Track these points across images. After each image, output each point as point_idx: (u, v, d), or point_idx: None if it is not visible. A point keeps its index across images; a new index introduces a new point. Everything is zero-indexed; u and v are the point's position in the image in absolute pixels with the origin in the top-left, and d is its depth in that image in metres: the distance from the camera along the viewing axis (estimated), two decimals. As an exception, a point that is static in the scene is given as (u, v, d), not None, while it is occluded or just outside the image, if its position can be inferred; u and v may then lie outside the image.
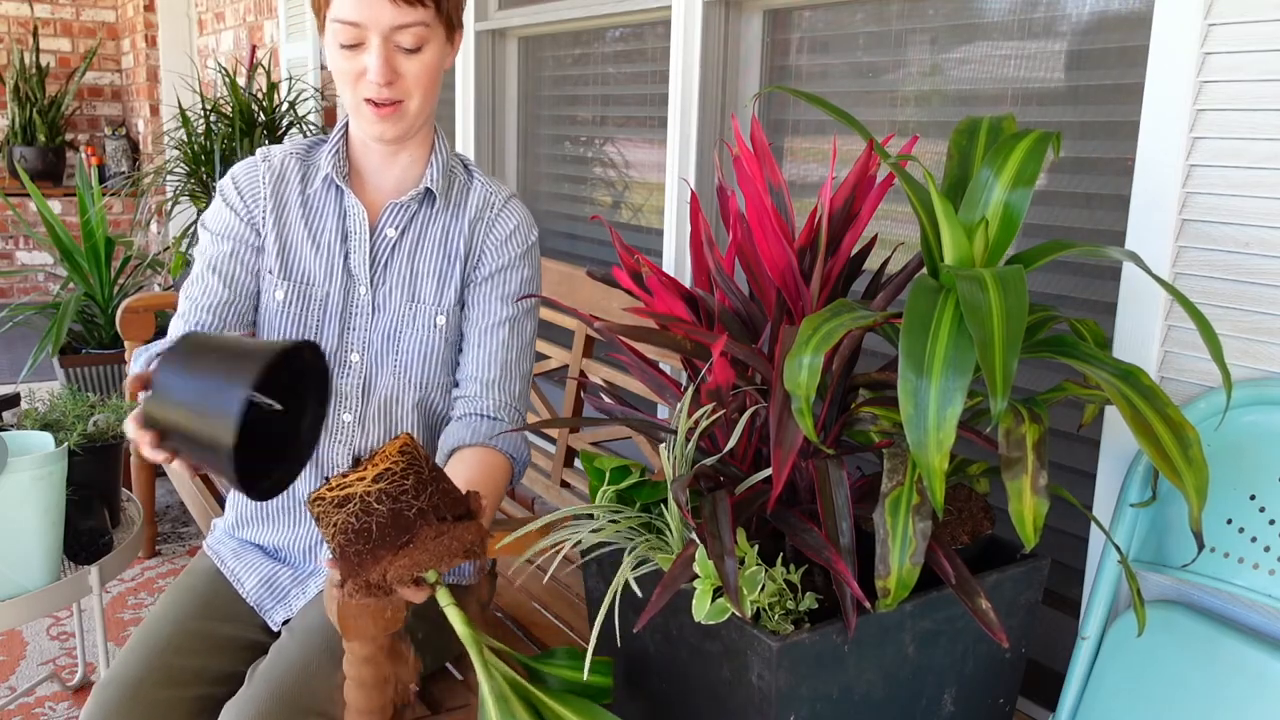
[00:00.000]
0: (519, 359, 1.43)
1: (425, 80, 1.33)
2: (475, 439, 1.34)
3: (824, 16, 1.95)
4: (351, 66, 1.31)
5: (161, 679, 1.34)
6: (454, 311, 1.42)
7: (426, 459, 1.04)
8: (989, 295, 0.91)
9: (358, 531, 0.99)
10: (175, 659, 1.37)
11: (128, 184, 4.46)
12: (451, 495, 1.05)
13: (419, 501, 1.00)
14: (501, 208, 1.43)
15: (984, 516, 1.24)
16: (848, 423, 1.17)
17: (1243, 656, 1.14)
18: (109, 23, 6.55)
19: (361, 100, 1.33)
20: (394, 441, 1.03)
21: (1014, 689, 1.25)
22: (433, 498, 1.02)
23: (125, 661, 1.37)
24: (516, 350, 1.42)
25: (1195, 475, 0.96)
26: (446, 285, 1.42)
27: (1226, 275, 1.21)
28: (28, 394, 2.08)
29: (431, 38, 1.31)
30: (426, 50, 1.31)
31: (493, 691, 1.06)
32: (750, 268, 1.16)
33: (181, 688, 1.35)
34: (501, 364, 1.41)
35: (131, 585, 2.88)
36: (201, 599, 1.46)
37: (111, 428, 1.94)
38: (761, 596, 1.05)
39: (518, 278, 1.43)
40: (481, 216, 1.43)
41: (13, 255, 6.22)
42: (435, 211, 1.42)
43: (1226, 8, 1.18)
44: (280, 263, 1.42)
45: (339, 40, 1.30)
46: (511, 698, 1.06)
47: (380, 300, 1.42)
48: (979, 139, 1.15)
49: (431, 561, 1.00)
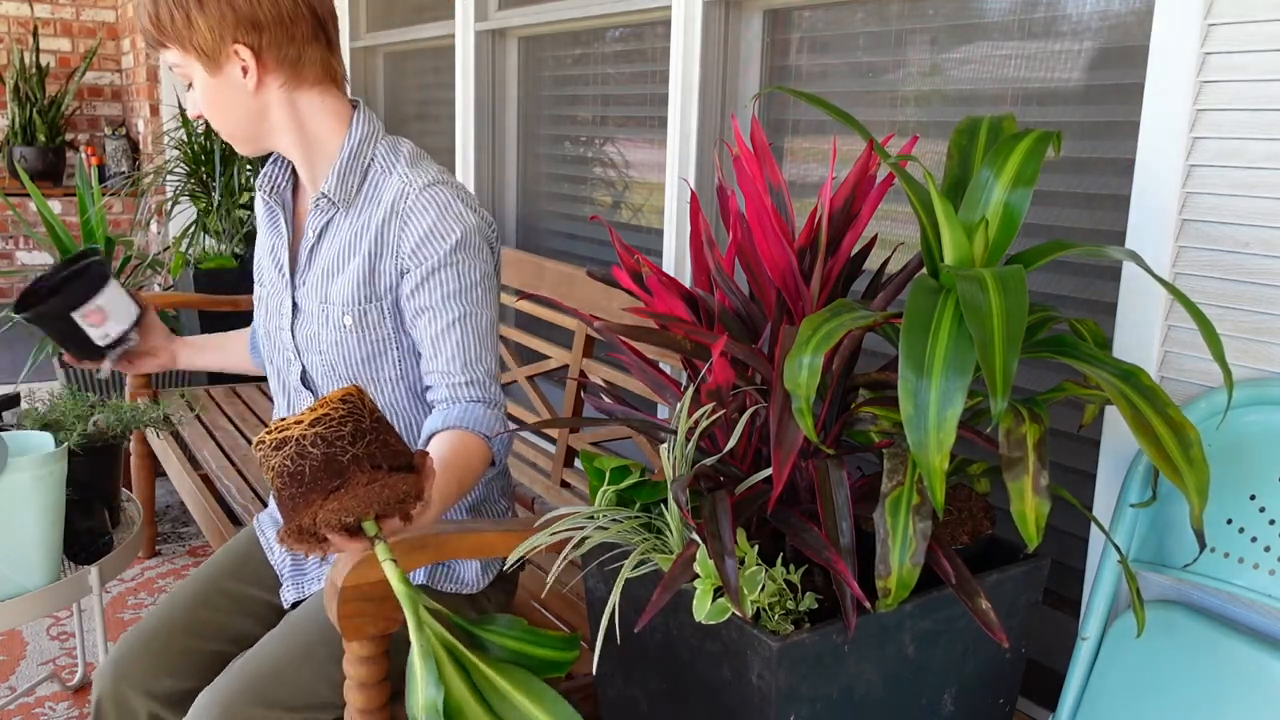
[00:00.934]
0: (481, 352, 1.40)
1: (207, 108, 1.41)
2: (447, 423, 1.35)
3: (824, 16, 1.94)
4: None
5: (186, 628, 1.50)
6: (364, 310, 1.42)
7: (371, 411, 1.03)
8: (989, 295, 0.91)
9: (291, 474, 0.99)
10: (202, 612, 1.52)
11: (128, 184, 4.46)
12: (392, 448, 1.04)
13: (354, 448, 0.99)
14: (415, 200, 1.38)
15: (984, 516, 1.24)
16: (848, 423, 1.17)
17: (1243, 656, 1.14)
18: (109, 23, 6.55)
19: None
20: (339, 390, 1.03)
21: (1014, 689, 1.25)
22: (370, 446, 1.01)
23: (159, 608, 1.52)
24: (476, 345, 1.39)
25: (1196, 475, 0.96)
26: (343, 281, 1.42)
27: (1226, 275, 1.21)
28: (28, 394, 2.08)
29: (192, 71, 1.38)
30: (195, 84, 1.39)
31: (421, 650, 1.04)
32: (750, 268, 1.16)
33: (203, 639, 1.50)
34: (463, 364, 1.39)
35: (131, 585, 2.88)
36: (237, 560, 1.60)
37: (111, 428, 1.94)
38: (761, 596, 1.05)
39: (454, 276, 1.37)
40: (395, 210, 1.39)
41: (13, 255, 6.22)
42: (344, 213, 1.44)
43: (1226, 8, 1.18)
44: (256, 265, 1.58)
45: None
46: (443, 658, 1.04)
47: (300, 300, 1.48)
48: (979, 139, 1.15)
49: (360, 507, 0.99)
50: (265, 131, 1.42)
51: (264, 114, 1.40)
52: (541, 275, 2.35)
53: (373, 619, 1.29)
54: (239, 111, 1.39)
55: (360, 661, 1.31)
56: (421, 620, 1.05)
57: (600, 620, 1.27)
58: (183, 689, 1.47)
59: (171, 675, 1.47)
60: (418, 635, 1.04)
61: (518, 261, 2.46)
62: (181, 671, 1.48)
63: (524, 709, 1.06)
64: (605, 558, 1.22)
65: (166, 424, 2.23)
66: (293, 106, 1.41)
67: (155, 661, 1.47)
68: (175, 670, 1.48)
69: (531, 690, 1.07)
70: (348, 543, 1.05)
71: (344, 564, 1.28)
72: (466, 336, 1.38)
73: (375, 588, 1.28)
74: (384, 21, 3.57)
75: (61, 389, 2.07)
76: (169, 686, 1.47)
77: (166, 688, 1.47)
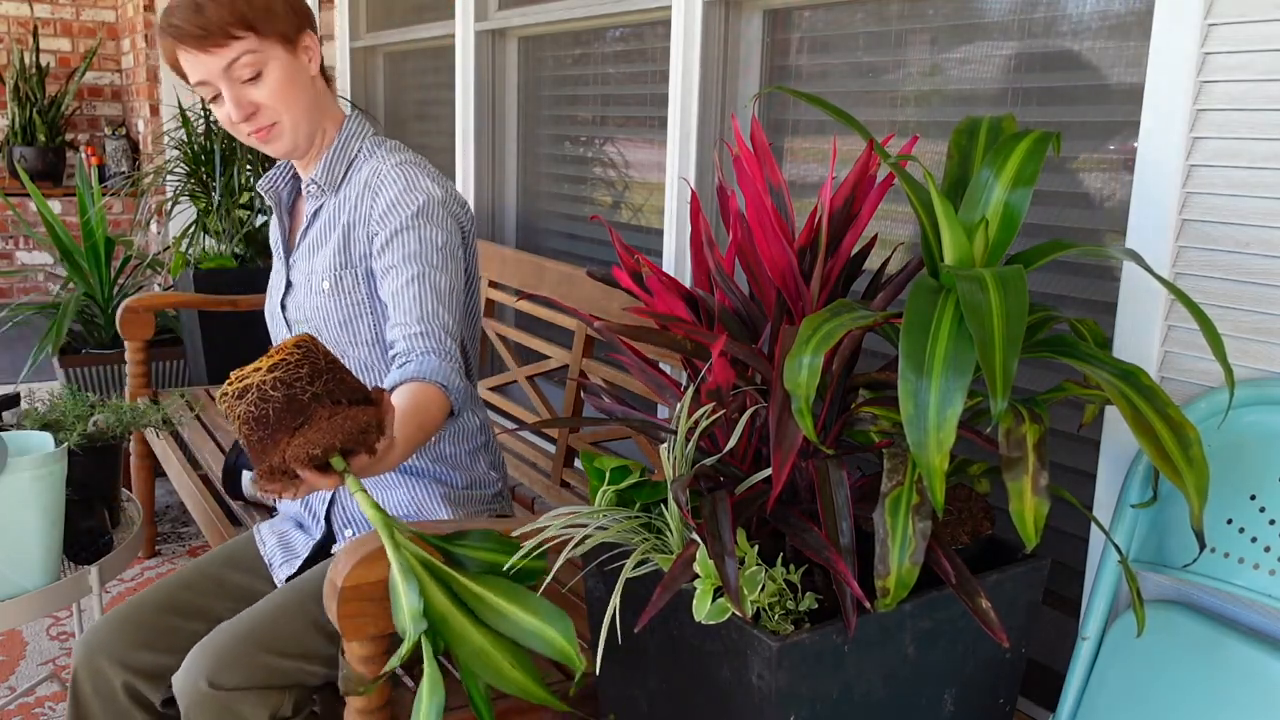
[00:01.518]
0: (437, 307, 1.45)
1: (281, 96, 1.46)
2: (405, 378, 1.38)
3: (824, 16, 1.94)
4: (223, 115, 1.48)
5: (165, 605, 1.54)
6: (340, 275, 1.54)
7: (325, 354, 1.07)
8: (989, 295, 0.91)
9: (257, 419, 1.03)
10: (182, 592, 1.56)
11: (128, 184, 4.46)
12: (350, 385, 1.08)
13: (313, 387, 1.04)
14: (386, 173, 1.51)
15: (984, 516, 1.24)
16: (848, 423, 1.17)
17: (1243, 656, 1.14)
18: (109, 23, 6.55)
19: (247, 136, 1.50)
20: (292, 338, 1.07)
21: (1014, 689, 1.25)
22: (328, 384, 1.05)
23: (145, 590, 1.57)
24: (434, 300, 1.45)
25: (1196, 475, 0.96)
26: (324, 251, 1.56)
27: (1226, 275, 1.21)
28: (28, 394, 2.08)
29: (268, 59, 1.43)
30: (267, 72, 1.42)
31: (400, 568, 1.05)
32: (750, 268, 1.16)
33: (181, 618, 1.53)
34: (419, 316, 1.44)
35: (131, 585, 2.88)
36: (228, 550, 1.66)
37: (111, 428, 1.94)
38: (761, 596, 1.05)
39: (415, 238, 1.47)
40: (368, 184, 1.52)
41: (13, 255, 6.21)
42: (331, 197, 1.58)
43: (1226, 8, 1.18)
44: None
45: (202, 95, 1.48)
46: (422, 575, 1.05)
47: (293, 277, 1.62)
48: (979, 139, 1.15)
49: (326, 439, 1.03)
50: (317, 124, 1.53)
51: (316, 104, 1.53)
52: (541, 275, 2.35)
53: (373, 619, 1.29)
54: (307, 99, 1.50)
55: (360, 661, 1.31)
56: (398, 542, 1.07)
57: (600, 620, 1.27)
58: (159, 663, 1.50)
59: (148, 649, 1.50)
60: (395, 555, 1.06)
61: (517, 261, 2.46)
62: (158, 646, 1.51)
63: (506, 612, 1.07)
64: (605, 557, 1.22)
65: (166, 424, 2.23)
66: (325, 99, 1.55)
67: (132, 635, 1.50)
68: (152, 645, 1.51)
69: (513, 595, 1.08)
70: (319, 478, 1.08)
71: (344, 564, 1.28)
72: (424, 292, 1.44)
73: (375, 588, 1.28)
74: (384, 21, 3.57)
75: (61, 389, 2.07)
76: (146, 660, 1.50)
77: (143, 661, 1.50)
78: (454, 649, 1.04)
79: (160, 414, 2.07)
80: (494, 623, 1.07)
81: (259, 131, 1.48)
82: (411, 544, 1.08)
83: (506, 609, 1.08)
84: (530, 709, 1.49)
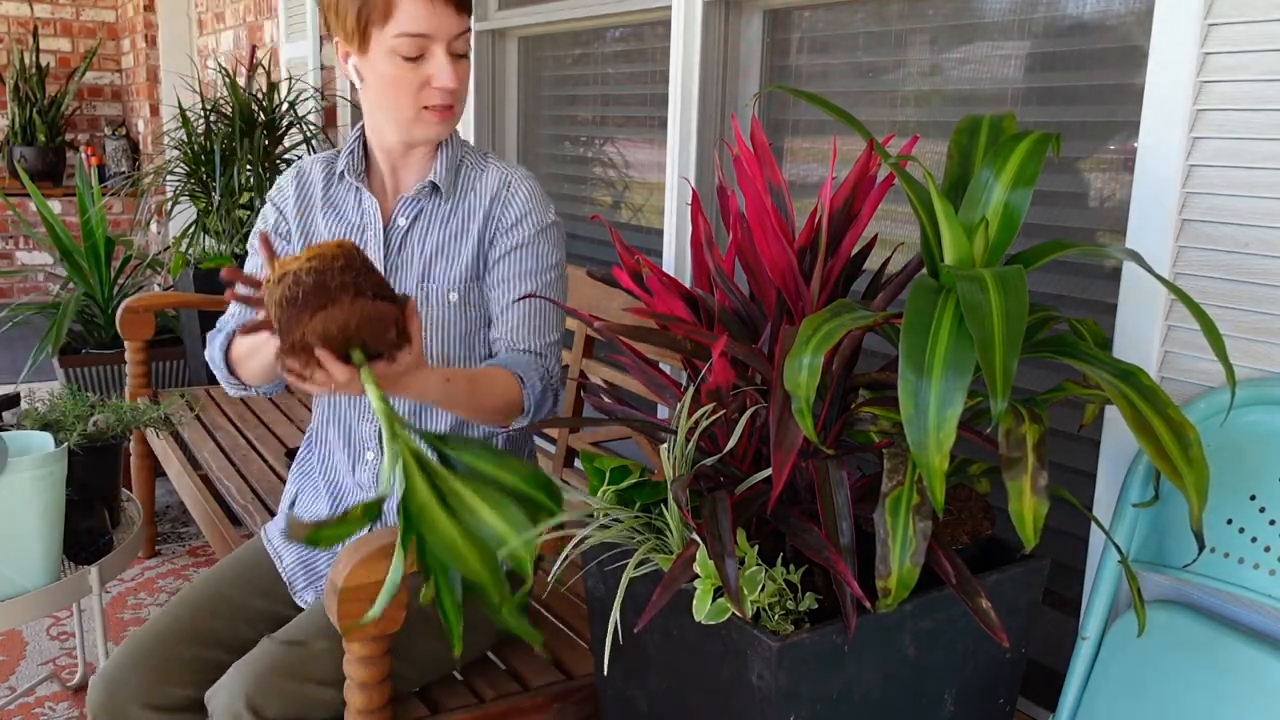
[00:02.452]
0: (545, 327, 1.50)
1: (467, 85, 1.45)
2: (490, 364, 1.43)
3: (824, 16, 1.94)
4: (415, 77, 1.39)
5: (188, 635, 1.47)
6: (469, 288, 1.50)
7: (363, 258, 1.12)
8: (989, 296, 0.91)
9: (288, 299, 1.08)
10: (205, 621, 1.49)
11: (128, 184, 4.46)
12: (379, 284, 1.12)
13: (344, 277, 1.09)
14: (517, 185, 1.50)
15: (984, 516, 1.24)
16: (848, 423, 1.17)
17: (1243, 656, 1.14)
18: (109, 23, 6.55)
19: (421, 108, 1.42)
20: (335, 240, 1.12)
21: (1014, 689, 1.25)
22: (358, 277, 1.09)
23: (162, 615, 1.50)
24: (540, 320, 1.50)
25: (1195, 475, 0.96)
26: (457, 263, 1.50)
27: (1226, 275, 1.21)
28: (28, 394, 2.08)
29: (469, 47, 1.43)
30: (467, 59, 1.43)
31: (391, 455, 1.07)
32: (750, 268, 1.16)
33: (205, 647, 1.47)
34: (527, 332, 1.49)
35: (131, 585, 2.88)
36: (241, 569, 1.58)
37: (111, 428, 1.94)
38: (761, 596, 1.05)
39: (533, 255, 1.49)
40: (498, 196, 1.50)
41: (13, 255, 6.21)
42: (443, 199, 1.51)
43: (1226, 8, 1.18)
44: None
45: (402, 53, 1.38)
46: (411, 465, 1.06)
47: (396, 285, 1.51)
48: (979, 139, 1.15)
49: (343, 317, 1.07)
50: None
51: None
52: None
53: (373, 619, 1.29)
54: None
55: (360, 662, 1.31)
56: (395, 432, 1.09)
57: (599, 619, 1.27)
58: (185, 696, 1.44)
59: (173, 684, 1.44)
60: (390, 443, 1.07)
61: (518, 261, 2.46)
62: (183, 680, 1.45)
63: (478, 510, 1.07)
64: (605, 557, 1.22)
65: (166, 424, 2.23)
66: None
67: (155, 671, 1.44)
68: (176, 679, 1.44)
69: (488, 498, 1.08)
70: (336, 366, 1.10)
71: (344, 564, 1.28)
72: (533, 312, 1.49)
73: (375, 588, 1.28)
74: (384, 21, 3.56)
75: (61, 389, 2.07)
76: (172, 696, 1.44)
77: (170, 698, 1.44)
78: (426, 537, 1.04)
79: (160, 414, 2.07)
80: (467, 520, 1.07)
81: (443, 110, 1.42)
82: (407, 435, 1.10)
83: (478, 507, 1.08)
84: (530, 709, 1.49)
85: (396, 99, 1.42)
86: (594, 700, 1.51)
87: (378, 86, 1.42)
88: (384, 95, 1.42)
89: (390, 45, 1.38)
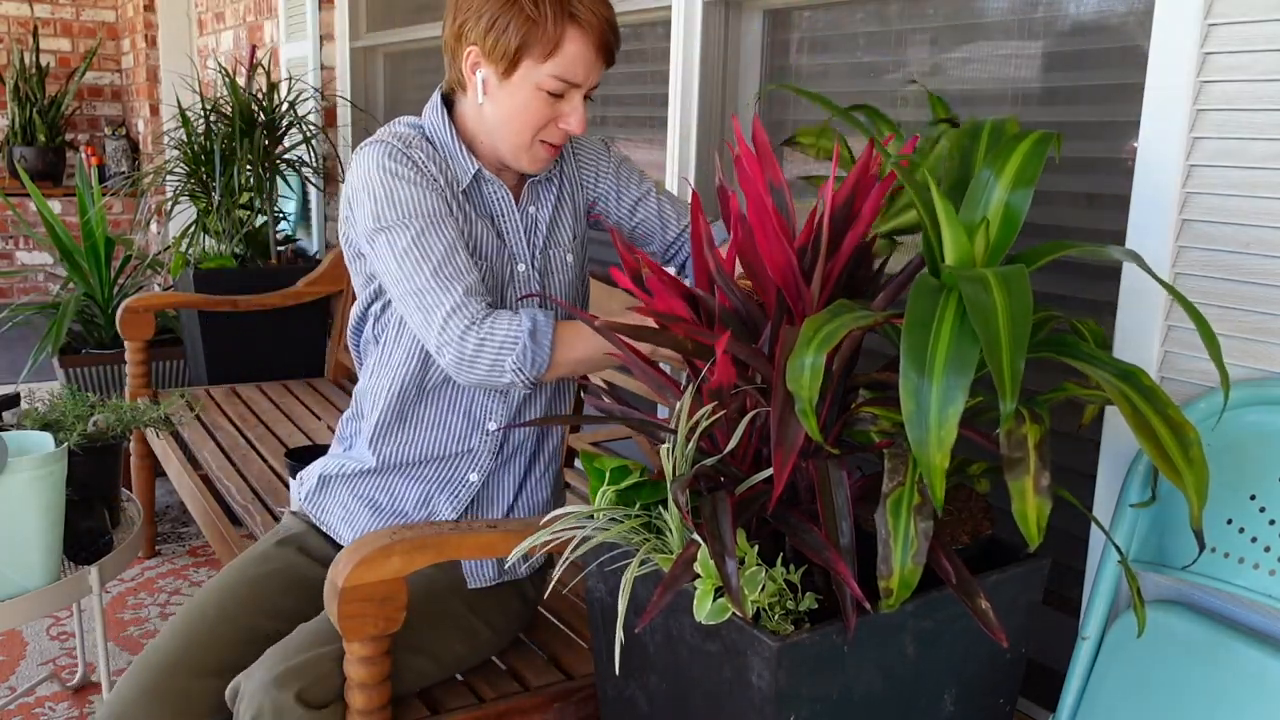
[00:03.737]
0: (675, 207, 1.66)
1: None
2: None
3: (824, 16, 1.95)
4: (548, 113, 1.43)
5: (198, 668, 1.43)
6: (575, 245, 1.61)
7: None
8: (994, 296, 0.91)
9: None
10: (218, 652, 1.44)
11: (128, 184, 4.46)
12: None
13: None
14: (573, 144, 1.62)
15: (984, 516, 1.24)
16: (848, 423, 1.17)
17: (1243, 656, 1.14)
18: (109, 23, 6.55)
19: (539, 141, 1.46)
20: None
21: (1014, 689, 1.25)
22: None
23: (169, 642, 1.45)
24: (669, 200, 1.66)
25: (1195, 475, 0.96)
26: (564, 227, 1.59)
27: (1226, 275, 1.21)
28: (28, 394, 2.08)
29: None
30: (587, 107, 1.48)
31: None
32: (751, 268, 1.16)
33: (216, 677, 1.41)
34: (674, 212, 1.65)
35: (131, 585, 2.88)
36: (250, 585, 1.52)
37: (111, 428, 1.94)
38: (762, 596, 1.05)
39: (627, 166, 1.66)
40: (564, 158, 1.60)
41: (13, 255, 6.21)
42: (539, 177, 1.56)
43: (1226, 8, 1.18)
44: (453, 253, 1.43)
45: (547, 90, 1.41)
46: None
47: (541, 265, 1.56)
48: (980, 139, 1.15)
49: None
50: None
51: None
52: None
53: (373, 619, 1.29)
54: None
55: (360, 662, 1.31)
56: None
57: (599, 619, 1.27)
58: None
59: (186, 716, 1.41)
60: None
61: (518, 261, 2.46)
62: (197, 712, 1.41)
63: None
64: (605, 558, 1.22)
65: (166, 424, 2.23)
66: None
67: (168, 708, 1.39)
68: (189, 712, 1.41)
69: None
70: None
71: (344, 564, 1.28)
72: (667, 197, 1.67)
73: (375, 588, 1.28)
74: (384, 21, 3.57)
75: (61, 389, 2.07)
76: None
77: None
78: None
79: (160, 414, 2.07)
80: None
81: (556, 149, 1.48)
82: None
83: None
84: (530, 709, 1.49)
85: (521, 128, 1.44)
86: (594, 700, 1.51)
87: (506, 111, 1.43)
88: (508, 121, 1.44)
89: (538, 80, 1.40)
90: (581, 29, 1.38)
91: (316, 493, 1.61)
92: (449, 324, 1.36)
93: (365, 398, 1.57)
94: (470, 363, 1.36)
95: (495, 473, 1.57)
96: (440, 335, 1.36)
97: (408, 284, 1.39)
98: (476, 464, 1.54)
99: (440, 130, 1.49)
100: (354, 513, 1.57)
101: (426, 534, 1.32)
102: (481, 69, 1.42)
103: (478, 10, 1.39)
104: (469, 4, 1.40)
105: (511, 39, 1.37)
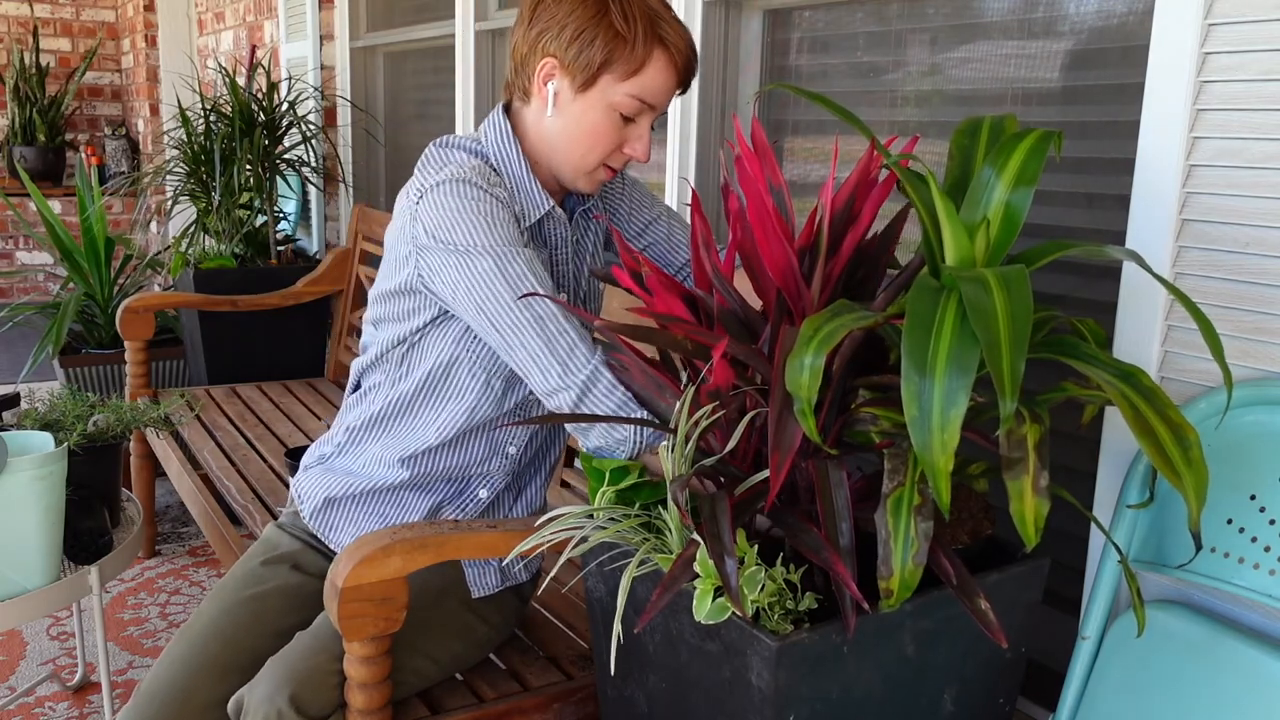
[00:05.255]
0: (685, 231, 1.61)
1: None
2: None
3: (824, 16, 1.94)
4: (617, 136, 1.39)
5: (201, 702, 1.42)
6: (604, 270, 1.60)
7: None
8: (994, 297, 0.91)
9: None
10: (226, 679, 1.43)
11: (128, 184, 4.46)
12: None
13: None
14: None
15: (984, 517, 1.24)
16: (848, 423, 1.17)
17: (1243, 656, 1.14)
18: (109, 23, 6.55)
19: (601, 165, 1.42)
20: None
21: (1014, 689, 1.25)
22: None
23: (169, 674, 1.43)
24: (679, 224, 1.63)
25: (1195, 476, 0.96)
26: (599, 252, 1.59)
27: (1226, 275, 1.21)
28: (28, 394, 2.08)
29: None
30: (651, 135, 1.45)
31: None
32: (751, 268, 1.16)
33: (220, 710, 1.41)
34: (683, 241, 1.61)
35: (131, 585, 2.88)
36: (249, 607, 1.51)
37: (111, 428, 1.94)
38: (761, 596, 1.05)
39: (639, 191, 1.62)
40: (601, 196, 1.58)
41: (13, 255, 6.21)
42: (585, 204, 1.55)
43: (1226, 8, 1.18)
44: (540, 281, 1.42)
45: (622, 110, 1.37)
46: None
47: (585, 293, 1.58)
48: (980, 139, 1.15)
49: None
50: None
51: None
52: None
53: (373, 619, 1.29)
54: None
55: (360, 662, 1.31)
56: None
57: (599, 619, 1.27)
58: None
59: None
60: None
61: (518, 261, 2.45)
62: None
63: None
64: (604, 558, 1.22)
65: (166, 424, 2.23)
66: None
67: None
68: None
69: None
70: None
71: (344, 565, 1.28)
72: (678, 221, 1.64)
73: (375, 588, 1.28)
74: (384, 21, 3.57)
75: (61, 389, 2.07)
76: None
77: None
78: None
79: (160, 414, 2.07)
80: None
81: (614, 173, 1.44)
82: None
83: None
84: (530, 709, 1.49)
85: (588, 148, 1.39)
86: (594, 700, 1.51)
87: (576, 128, 1.38)
88: (577, 140, 1.39)
89: (615, 99, 1.36)
90: (668, 52, 1.35)
91: (323, 511, 1.57)
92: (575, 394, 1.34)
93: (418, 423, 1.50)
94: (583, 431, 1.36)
95: (503, 492, 1.58)
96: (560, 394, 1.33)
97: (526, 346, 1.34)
98: (489, 483, 1.55)
99: (509, 159, 1.43)
100: (365, 529, 1.55)
101: (426, 534, 1.32)
102: (555, 81, 1.37)
103: (561, 21, 1.34)
104: (551, 14, 1.35)
105: (596, 53, 1.33)
